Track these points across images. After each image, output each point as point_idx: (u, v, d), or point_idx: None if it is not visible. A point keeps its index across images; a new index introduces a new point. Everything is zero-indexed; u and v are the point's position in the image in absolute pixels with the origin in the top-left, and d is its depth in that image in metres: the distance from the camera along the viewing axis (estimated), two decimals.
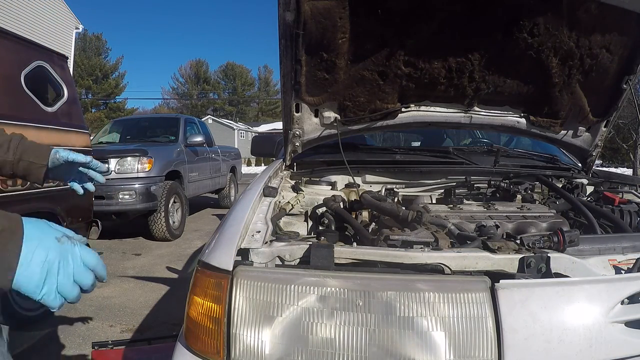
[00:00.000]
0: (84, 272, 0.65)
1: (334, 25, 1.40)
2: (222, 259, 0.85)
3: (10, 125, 2.72)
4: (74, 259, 0.64)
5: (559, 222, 1.31)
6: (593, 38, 1.54)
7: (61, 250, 0.63)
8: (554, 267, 0.91)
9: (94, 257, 0.67)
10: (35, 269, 0.60)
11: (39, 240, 0.61)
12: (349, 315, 0.78)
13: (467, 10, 1.44)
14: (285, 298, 0.80)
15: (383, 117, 1.75)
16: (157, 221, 5.36)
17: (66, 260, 0.63)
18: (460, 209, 1.40)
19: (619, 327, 0.80)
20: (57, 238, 0.64)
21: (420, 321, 0.78)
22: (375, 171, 1.89)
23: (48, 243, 0.62)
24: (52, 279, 0.61)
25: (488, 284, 0.81)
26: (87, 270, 0.65)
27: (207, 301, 0.84)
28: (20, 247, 0.59)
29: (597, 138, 1.92)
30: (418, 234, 1.06)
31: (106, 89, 37.35)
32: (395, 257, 0.90)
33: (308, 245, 0.92)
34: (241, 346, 0.79)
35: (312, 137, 1.77)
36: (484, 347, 0.77)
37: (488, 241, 1.01)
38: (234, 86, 50.07)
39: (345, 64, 1.54)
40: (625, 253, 1.03)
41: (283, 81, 1.56)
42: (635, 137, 17.79)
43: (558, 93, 1.71)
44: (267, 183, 1.45)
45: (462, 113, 1.81)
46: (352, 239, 1.33)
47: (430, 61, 1.57)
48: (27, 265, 0.59)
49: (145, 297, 3.53)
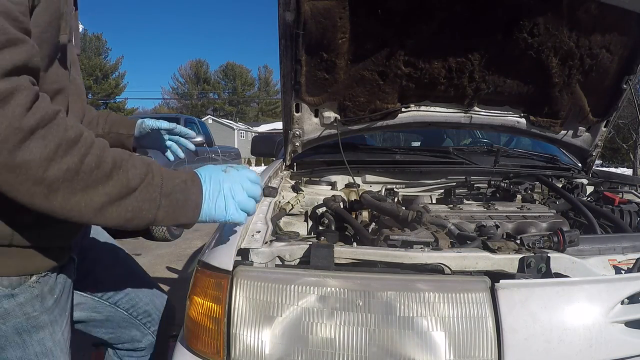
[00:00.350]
0: (252, 186, 0.80)
1: (334, 25, 1.40)
2: (222, 259, 0.85)
3: None
4: (241, 180, 0.79)
5: (559, 222, 1.31)
6: (593, 38, 1.54)
7: (229, 177, 0.78)
8: (554, 267, 0.91)
9: (253, 173, 0.82)
10: (217, 201, 0.76)
11: (210, 178, 0.77)
12: (349, 315, 0.78)
13: (467, 10, 1.44)
14: (285, 298, 0.80)
15: (383, 117, 1.75)
16: None
17: (236, 184, 0.78)
18: (460, 209, 1.40)
19: (619, 327, 0.80)
20: (224, 170, 0.79)
21: (420, 321, 0.78)
22: (375, 171, 1.89)
23: (218, 177, 0.77)
24: (231, 202, 0.77)
25: (488, 284, 0.81)
26: (254, 184, 0.81)
27: (207, 301, 0.84)
28: (201, 189, 0.75)
29: (597, 138, 1.92)
30: (418, 234, 1.06)
31: (106, 89, 37.35)
32: (395, 257, 0.90)
33: (308, 245, 0.92)
34: (241, 346, 0.79)
35: (312, 137, 1.77)
36: (484, 347, 0.77)
37: (488, 241, 1.01)
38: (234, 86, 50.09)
39: (345, 64, 1.54)
40: (625, 253, 1.03)
41: (283, 81, 1.56)
42: (635, 137, 17.79)
43: (558, 93, 1.71)
44: (267, 183, 1.45)
45: (462, 113, 1.81)
46: (352, 239, 1.33)
47: (430, 61, 1.57)
48: (209, 200, 0.76)
49: None
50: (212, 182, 0.76)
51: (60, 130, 0.60)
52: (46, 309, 0.82)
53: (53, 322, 0.85)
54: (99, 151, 0.65)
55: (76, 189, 0.62)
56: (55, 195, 0.60)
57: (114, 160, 0.66)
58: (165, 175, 0.72)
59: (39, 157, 0.57)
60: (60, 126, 0.61)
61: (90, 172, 0.62)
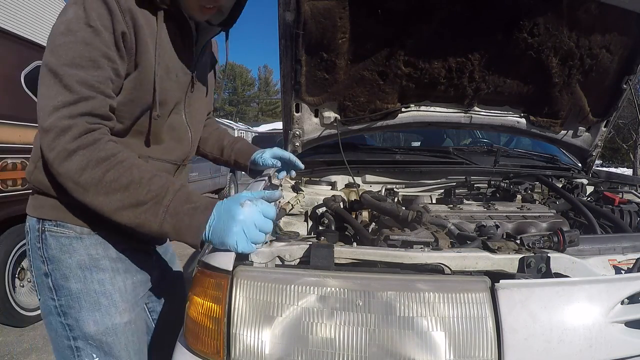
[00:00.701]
0: (265, 223, 0.87)
1: (334, 25, 1.40)
2: (222, 259, 0.85)
3: (10, 125, 2.73)
4: (255, 218, 0.86)
5: (559, 222, 1.31)
6: (593, 38, 1.54)
7: (244, 213, 0.85)
8: (554, 267, 0.91)
9: (269, 207, 0.89)
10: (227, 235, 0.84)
11: (221, 214, 0.86)
12: (349, 315, 0.78)
13: (467, 10, 1.44)
14: (285, 298, 0.80)
15: (383, 117, 1.75)
16: None
17: (249, 221, 0.85)
18: (460, 209, 1.40)
19: (619, 327, 0.80)
20: (241, 204, 0.86)
21: (420, 321, 0.78)
22: (375, 171, 1.88)
23: (232, 212, 0.85)
24: (242, 238, 0.84)
25: (488, 284, 0.81)
26: (267, 220, 0.88)
27: (207, 301, 0.84)
28: (207, 219, 0.85)
29: (597, 138, 1.92)
30: (418, 234, 1.06)
31: None
32: (395, 257, 0.90)
33: (308, 245, 0.92)
34: (241, 346, 0.79)
35: (312, 137, 1.77)
36: (484, 347, 0.77)
37: (488, 241, 1.00)
38: (234, 86, 50.10)
39: (345, 64, 1.54)
40: (625, 253, 1.03)
41: (283, 81, 1.56)
42: (635, 137, 17.79)
43: (558, 93, 1.71)
44: (267, 183, 1.45)
45: (462, 113, 1.81)
46: (352, 239, 1.33)
47: (430, 61, 1.57)
48: (215, 232, 0.85)
49: None
50: (222, 218, 0.85)
51: (94, 151, 0.85)
52: (108, 256, 1.05)
53: (114, 270, 1.06)
54: (122, 169, 0.86)
55: (100, 192, 0.85)
56: (87, 193, 0.86)
57: (134, 178, 0.86)
58: (178, 199, 0.87)
59: (75, 167, 0.85)
60: (95, 149, 0.86)
61: (110, 183, 0.85)
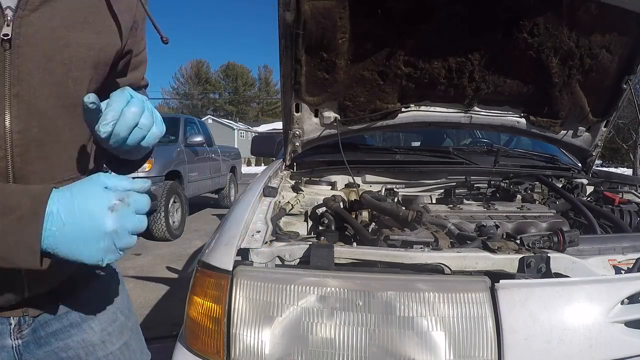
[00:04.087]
0: (140, 223, 0.64)
1: (334, 25, 1.40)
2: (222, 259, 0.85)
3: None
4: (129, 220, 0.62)
5: (559, 222, 1.30)
6: (593, 38, 1.54)
7: (118, 221, 0.60)
8: (554, 267, 0.91)
9: (145, 201, 0.64)
10: (91, 252, 0.60)
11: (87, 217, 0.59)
12: (349, 315, 0.78)
13: (467, 10, 1.44)
14: (285, 298, 0.80)
15: (383, 117, 1.75)
16: (157, 221, 5.36)
17: (124, 227, 0.61)
18: (460, 209, 1.40)
19: (619, 327, 0.80)
20: (110, 207, 0.60)
21: (420, 321, 0.78)
22: (375, 171, 1.88)
23: (99, 219, 0.59)
24: (112, 249, 0.61)
25: (488, 284, 0.81)
26: (141, 217, 0.64)
27: (207, 301, 0.84)
28: (40, 230, 0.57)
29: (597, 138, 1.92)
30: (418, 234, 1.06)
31: None
32: (395, 257, 0.90)
33: (308, 245, 0.92)
34: (241, 346, 0.79)
35: (312, 137, 1.77)
36: (484, 347, 0.77)
37: (488, 241, 1.00)
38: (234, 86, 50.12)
39: (345, 64, 1.54)
40: (625, 253, 1.03)
41: (283, 81, 1.56)
42: (635, 137, 17.79)
43: (558, 93, 1.71)
44: (267, 183, 1.45)
45: (462, 113, 1.80)
46: (352, 239, 1.32)
47: (430, 61, 1.57)
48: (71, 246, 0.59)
49: (145, 297, 3.52)
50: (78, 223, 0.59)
51: None
52: None
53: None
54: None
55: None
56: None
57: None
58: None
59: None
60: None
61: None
